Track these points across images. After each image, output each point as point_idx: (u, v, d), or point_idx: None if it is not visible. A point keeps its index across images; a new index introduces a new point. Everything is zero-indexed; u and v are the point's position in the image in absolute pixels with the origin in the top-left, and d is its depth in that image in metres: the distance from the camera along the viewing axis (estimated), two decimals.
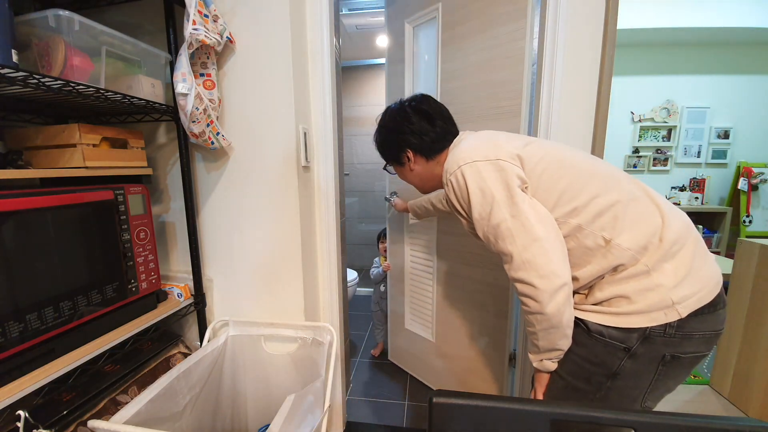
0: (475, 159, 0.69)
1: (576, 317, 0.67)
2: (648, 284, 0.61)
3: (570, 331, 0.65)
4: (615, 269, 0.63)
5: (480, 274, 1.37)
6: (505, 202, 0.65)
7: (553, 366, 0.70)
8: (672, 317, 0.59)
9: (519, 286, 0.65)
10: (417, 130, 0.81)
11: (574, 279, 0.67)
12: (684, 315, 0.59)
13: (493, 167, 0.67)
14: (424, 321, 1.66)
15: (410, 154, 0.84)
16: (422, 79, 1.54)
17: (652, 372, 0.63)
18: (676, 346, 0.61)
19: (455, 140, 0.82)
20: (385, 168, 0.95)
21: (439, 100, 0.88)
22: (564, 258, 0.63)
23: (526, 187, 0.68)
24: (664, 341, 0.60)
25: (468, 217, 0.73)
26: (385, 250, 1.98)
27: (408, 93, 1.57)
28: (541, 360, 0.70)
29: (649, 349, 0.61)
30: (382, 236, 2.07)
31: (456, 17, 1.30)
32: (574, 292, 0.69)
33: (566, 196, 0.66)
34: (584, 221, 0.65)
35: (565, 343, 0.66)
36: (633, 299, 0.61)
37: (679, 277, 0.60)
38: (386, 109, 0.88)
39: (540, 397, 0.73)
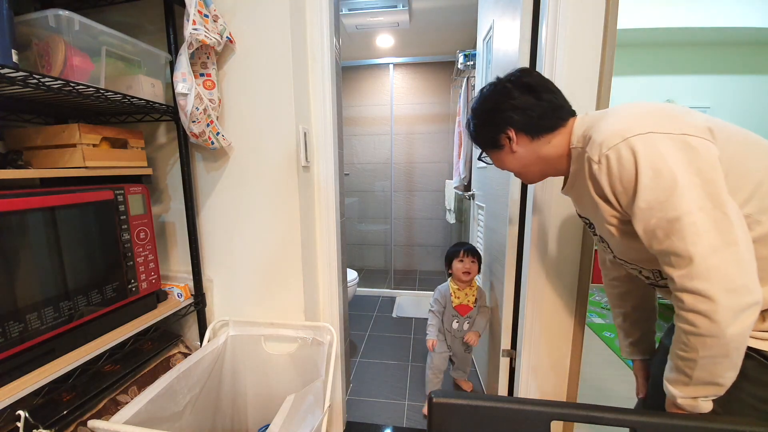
0: (650, 130, 0.53)
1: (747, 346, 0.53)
2: None
3: (740, 362, 0.51)
4: None
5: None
6: (692, 190, 0.50)
7: (707, 407, 0.54)
8: None
9: (689, 299, 0.50)
10: (520, 105, 0.68)
11: None
12: None
13: (677, 144, 0.52)
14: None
15: (512, 133, 0.70)
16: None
17: None
18: None
19: (595, 114, 0.67)
20: (480, 158, 0.82)
21: None
22: (756, 271, 0.50)
23: None
24: None
25: (620, 205, 0.58)
26: (467, 273, 1.41)
27: None
28: (695, 398, 0.54)
29: None
30: (461, 253, 1.45)
31: (496, 31, 1.45)
32: None
33: (764, 189, 0.53)
34: None
35: (731, 376, 0.52)
36: None
37: None
38: (480, 90, 0.76)
39: None
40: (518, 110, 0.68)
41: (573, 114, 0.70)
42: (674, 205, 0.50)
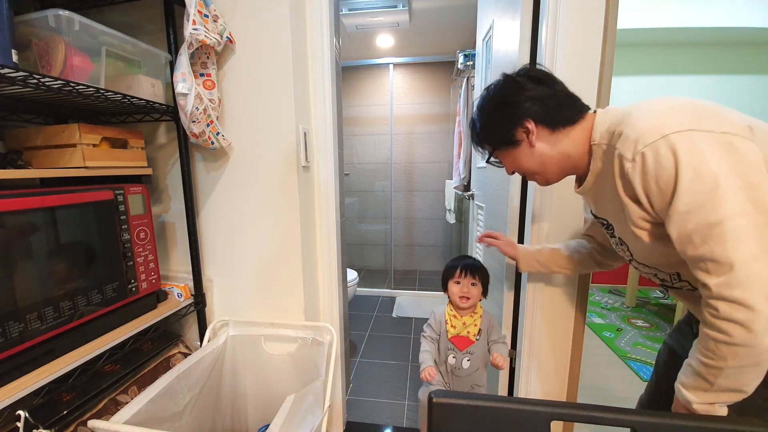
0: (690, 127, 0.50)
1: None
2: None
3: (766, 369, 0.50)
4: None
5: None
6: (735, 193, 0.47)
7: (724, 412, 0.53)
8: None
9: (726, 308, 0.47)
10: (536, 95, 0.64)
11: None
12: None
13: (718, 143, 0.49)
14: None
15: (531, 125, 0.65)
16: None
17: None
18: None
19: (618, 109, 0.62)
20: (488, 161, 0.77)
21: None
22: None
23: None
24: None
25: (651, 207, 0.54)
26: (465, 299, 1.08)
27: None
28: (712, 404, 0.52)
29: None
30: (458, 272, 1.10)
31: (496, 31, 1.46)
32: None
33: None
34: None
35: (755, 384, 0.51)
36: None
37: None
38: (486, 89, 0.72)
39: None
40: (535, 100, 0.65)
41: (588, 108, 0.68)
42: (715, 209, 0.47)
